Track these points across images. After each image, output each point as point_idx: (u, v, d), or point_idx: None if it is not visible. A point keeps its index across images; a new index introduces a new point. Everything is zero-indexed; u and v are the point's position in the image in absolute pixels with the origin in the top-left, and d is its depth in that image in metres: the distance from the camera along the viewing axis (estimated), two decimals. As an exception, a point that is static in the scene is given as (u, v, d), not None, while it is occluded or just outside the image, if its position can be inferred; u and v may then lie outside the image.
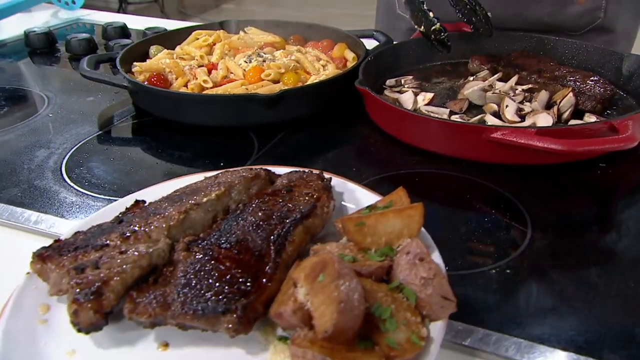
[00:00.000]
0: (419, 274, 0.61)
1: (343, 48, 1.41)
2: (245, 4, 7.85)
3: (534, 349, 0.63)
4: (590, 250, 0.79)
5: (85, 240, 0.69)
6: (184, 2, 8.03)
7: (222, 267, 0.65)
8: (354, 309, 0.56)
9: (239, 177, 0.80)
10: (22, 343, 0.62)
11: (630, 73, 1.20)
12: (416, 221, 0.69)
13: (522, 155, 0.95)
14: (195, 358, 0.62)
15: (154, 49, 1.40)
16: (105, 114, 1.25)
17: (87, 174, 1.00)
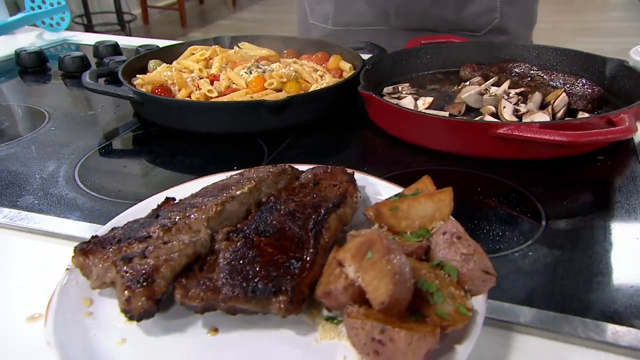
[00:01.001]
0: (459, 250, 0.64)
1: (338, 60, 1.45)
2: (211, 33, 7.93)
3: (566, 320, 0.66)
4: (600, 231, 0.83)
5: (126, 234, 0.69)
6: (151, 31, 8.07)
7: (264, 254, 0.67)
8: (406, 281, 0.58)
9: (267, 172, 0.83)
10: (73, 335, 0.62)
11: (613, 75, 1.27)
12: (447, 205, 0.72)
13: (525, 150, 1.00)
14: (245, 341, 0.63)
15: (152, 63, 1.42)
16: (109, 126, 1.26)
17: (102, 181, 1.01)
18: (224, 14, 9.05)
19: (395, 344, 0.54)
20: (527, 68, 1.34)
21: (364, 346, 0.57)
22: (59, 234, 0.86)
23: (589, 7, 8.09)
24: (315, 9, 1.82)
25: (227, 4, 9.57)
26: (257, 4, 9.54)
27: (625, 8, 7.81)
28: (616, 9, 7.96)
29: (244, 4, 9.54)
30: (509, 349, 0.64)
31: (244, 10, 9.20)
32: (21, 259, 0.84)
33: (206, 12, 9.33)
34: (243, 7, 9.36)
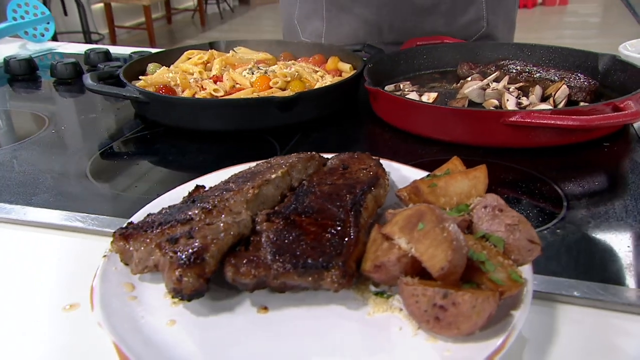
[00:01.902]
0: (504, 221, 0.65)
1: (336, 61, 1.47)
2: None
3: (608, 289, 0.67)
4: (621, 208, 0.86)
5: (166, 218, 0.68)
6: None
7: (308, 233, 0.67)
8: (462, 247, 0.59)
9: (296, 158, 0.83)
10: (123, 317, 0.60)
11: (606, 70, 1.33)
12: (482, 181, 0.74)
13: (536, 137, 1.03)
14: (298, 317, 0.62)
15: (152, 66, 1.41)
16: (113, 128, 1.24)
17: (115, 179, 0.99)
18: (192, 34, 9.03)
19: (459, 308, 0.55)
20: (523, 65, 1.38)
21: (424, 314, 0.57)
22: (80, 228, 0.84)
23: (546, 26, 8.42)
24: (306, 26, 1.82)
25: (196, 24, 9.58)
26: (226, 23, 9.58)
27: (579, 27, 8.14)
28: (570, 27, 8.27)
29: (213, 24, 9.55)
30: (555, 319, 0.65)
31: (213, 30, 9.21)
32: (35, 253, 0.82)
33: (174, 31, 9.30)
34: (212, 27, 9.37)
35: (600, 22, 8.57)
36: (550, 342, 0.62)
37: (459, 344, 0.56)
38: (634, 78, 1.21)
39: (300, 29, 1.85)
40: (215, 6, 9.97)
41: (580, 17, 8.76)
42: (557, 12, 9.06)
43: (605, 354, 0.60)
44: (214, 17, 9.91)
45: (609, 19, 8.66)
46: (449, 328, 0.56)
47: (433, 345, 0.57)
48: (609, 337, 0.63)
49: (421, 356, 0.56)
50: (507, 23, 1.79)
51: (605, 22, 8.46)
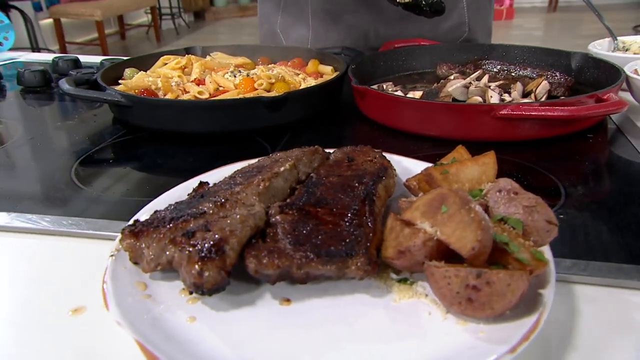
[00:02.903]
0: (521, 204, 0.66)
1: (316, 64, 1.47)
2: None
3: (618, 268, 0.69)
4: (616, 192, 0.89)
5: (176, 213, 0.65)
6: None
7: (324, 223, 0.66)
8: (490, 227, 0.59)
9: (301, 152, 0.81)
10: (141, 315, 0.57)
11: (579, 67, 1.37)
12: (491, 167, 0.74)
13: (525, 130, 1.05)
14: (322, 307, 0.60)
15: (129, 71, 1.37)
16: (94, 133, 1.19)
17: (104, 183, 0.95)
18: (147, 49, 8.88)
19: (493, 287, 0.54)
20: (500, 64, 1.41)
21: (456, 296, 0.56)
22: (74, 232, 0.80)
23: (494, 39, 8.70)
24: (290, 34, 1.81)
25: (151, 40, 9.44)
26: (182, 39, 9.47)
27: (525, 39, 8.47)
28: (516, 39, 8.59)
29: (168, 39, 9.43)
30: (573, 298, 0.66)
31: (168, 46, 9.08)
32: (31, 260, 0.77)
33: (129, 47, 9.13)
34: (168, 42, 9.25)
35: (544, 35, 8.94)
36: (573, 321, 0.62)
37: (491, 324, 0.56)
38: (607, 73, 1.26)
39: (283, 37, 1.83)
40: (171, 22, 9.86)
41: (525, 30, 9.12)
42: (504, 25, 9.39)
43: (627, 328, 0.61)
44: (170, 32, 9.80)
45: (551, 32, 9.07)
46: (482, 309, 0.55)
47: (464, 328, 0.57)
48: (628, 313, 0.63)
49: (455, 340, 0.55)
50: (486, 28, 1.83)
51: (548, 35, 8.84)
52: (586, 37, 7.97)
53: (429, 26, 1.67)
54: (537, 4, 11.01)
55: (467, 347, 0.54)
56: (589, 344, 0.59)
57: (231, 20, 10.80)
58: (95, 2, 7.79)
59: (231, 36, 9.55)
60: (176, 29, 9.87)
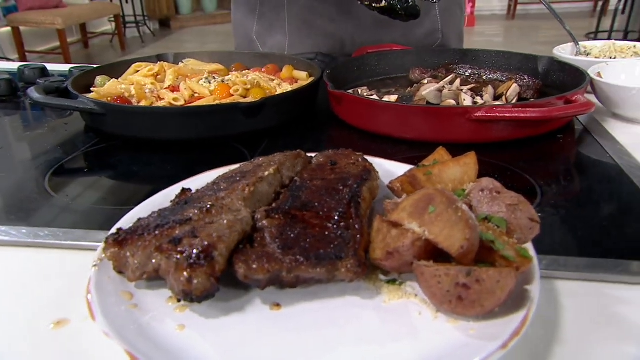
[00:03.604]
0: (504, 202, 0.67)
1: (291, 70, 1.47)
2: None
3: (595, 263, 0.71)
4: (587, 189, 0.92)
5: (161, 220, 0.64)
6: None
7: (311, 226, 0.66)
8: (477, 226, 0.60)
9: (284, 156, 0.81)
10: (129, 325, 0.56)
11: (545, 71, 1.41)
12: (472, 168, 0.76)
13: (499, 132, 1.07)
14: (313, 310, 0.60)
15: (100, 79, 1.34)
16: (65, 142, 1.17)
17: (79, 193, 0.92)
18: (111, 58, 8.72)
19: (483, 285, 0.55)
20: (471, 68, 1.44)
21: (447, 294, 0.57)
22: (57, 244, 0.78)
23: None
24: (266, 41, 1.81)
25: (115, 48, 9.28)
26: (147, 47, 9.35)
27: (486, 45, 8.66)
28: (478, 46, 8.78)
29: (134, 48, 9.29)
30: (555, 293, 0.67)
31: (134, 54, 8.95)
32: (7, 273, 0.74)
33: (92, 56, 8.95)
34: (133, 50, 9.11)
35: (504, 41, 9.18)
36: (557, 315, 0.64)
37: (481, 322, 0.57)
38: (572, 76, 1.30)
39: (259, 43, 1.82)
40: (135, 30, 9.72)
41: (486, 37, 9.34)
42: (467, 32, 9.47)
43: (608, 321, 0.63)
44: (135, 41, 9.65)
45: (511, 38, 9.33)
46: (472, 306, 0.56)
47: (455, 327, 0.57)
48: (608, 306, 0.65)
49: (446, 338, 0.56)
50: (458, 34, 1.86)
51: (507, 42, 9.09)
52: (543, 43, 8.26)
53: (402, 32, 1.70)
54: (496, 11, 11.30)
55: (460, 345, 0.54)
56: (574, 337, 0.60)
57: (197, 29, 10.72)
58: (56, 10, 7.62)
59: (197, 44, 9.47)
60: (141, 37, 9.73)
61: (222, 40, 9.65)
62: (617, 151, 1.06)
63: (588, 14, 10.38)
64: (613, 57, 1.53)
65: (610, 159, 1.03)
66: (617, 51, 1.56)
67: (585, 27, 8.31)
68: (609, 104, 1.26)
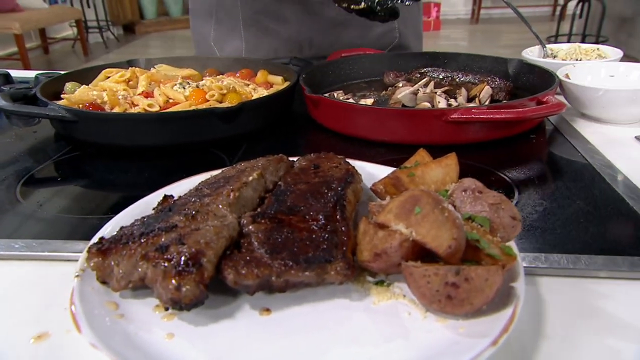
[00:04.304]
0: (487, 202, 0.68)
1: (265, 74, 1.46)
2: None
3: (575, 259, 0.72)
4: (562, 187, 0.94)
5: (146, 228, 0.63)
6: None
7: (298, 230, 0.66)
8: (462, 226, 0.60)
9: (266, 161, 0.81)
10: (116, 336, 0.55)
11: (515, 73, 1.44)
12: (453, 169, 0.77)
13: (474, 133, 1.09)
14: (303, 314, 0.60)
15: (70, 86, 1.31)
16: (36, 150, 1.14)
17: (52, 202, 0.90)
18: (74, 64, 8.53)
19: (472, 283, 0.56)
20: (444, 71, 1.46)
21: (436, 294, 0.57)
22: (33, 255, 0.76)
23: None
24: (224, 47, 1.80)
25: (77, 53, 9.08)
26: (111, 52, 9.18)
27: (452, 49, 8.84)
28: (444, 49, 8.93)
29: (97, 53, 9.11)
30: (538, 290, 0.69)
31: (97, 59, 8.77)
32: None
33: (53, 62, 8.74)
34: (96, 56, 8.93)
35: (469, 45, 9.36)
36: (541, 311, 0.65)
37: (470, 320, 0.58)
38: (541, 78, 1.33)
39: (217, 49, 1.82)
40: (98, 35, 9.53)
41: (452, 41, 9.51)
42: (432, 36, 9.74)
43: (591, 315, 0.64)
44: (98, 46, 9.47)
45: (475, 42, 9.52)
46: (461, 305, 0.57)
47: (445, 325, 0.58)
48: (590, 300, 0.67)
49: (437, 337, 0.56)
50: (416, 33, 1.90)
51: (472, 45, 9.28)
52: (506, 46, 8.42)
53: (359, 32, 1.72)
54: (460, 15, 11.51)
55: (451, 343, 0.55)
56: (558, 332, 0.61)
57: (162, 33, 10.58)
58: (12, 14, 7.38)
59: (163, 49, 9.35)
60: (105, 43, 9.55)
61: (188, 46, 9.52)
62: (587, 150, 1.10)
63: (548, 18, 10.67)
64: (579, 59, 1.58)
65: (581, 158, 1.06)
66: (582, 53, 1.60)
67: (545, 30, 8.54)
68: (577, 104, 1.29)
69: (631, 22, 6.08)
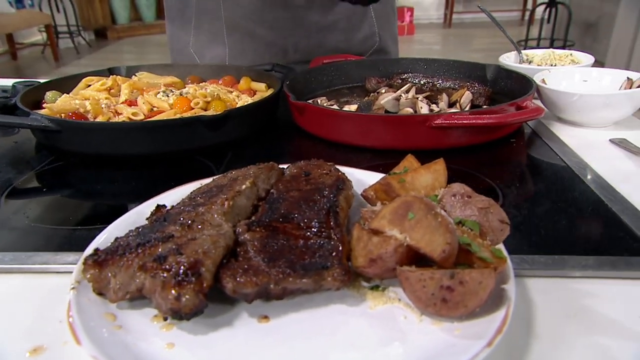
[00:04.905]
0: (476, 206, 0.70)
1: (248, 81, 1.47)
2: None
3: (560, 260, 0.75)
4: (543, 190, 0.97)
5: (141, 239, 0.63)
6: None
7: (293, 237, 0.67)
8: (455, 230, 0.62)
9: (257, 169, 0.81)
10: (116, 347, 0.55)
11: (493, 78, 1.48)
12: (442, 174, 0.79)
13: (457, 138, 1.12)
14: (301, 320, 0.61)
15: (50, 95, 1.29)
16: (17, 161, 1.12)
17: (39, 214, 0.89)
18: (45, 70, 8.37)
19: (466, 286, 0.58)
20: (423, 77, 1.49)
21: (431, 297, 0.59)
22: (23, 268, 0.75)
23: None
24: (205, 54, 1.79)
25: (47, 59, 8.91)
26: (83, 58, 9.04)
27: (425, 53, 8.96)
28: (418, 53, 9.09)
29: (68, 59, 8.96)
30: (525, 291, 0.71)
31: (69, 65, 8.63)
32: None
33: (22, 68, 8.56)
34: (67, 62, 8.78)
35: (442, 49, 9.51)
36: (529, 312, 0.67)
37: (464, 322, 0.59)
38: (519, 83, 1.36)
39: (197, 57, 1.80)
40: (69, 40, 9.37)
41: (425, 45, 9.64)
42: (406, 41, 9.86)
43: (578, 313, 0.67)
44: (69, 52, 9.31)
45: (448, 46, 9.68)
46: (456, 308, 0.58)
47: (440, 328, 0.59)
48: (576, 300, 0.69)
49: (434, 340, 0.58)
50: (393, 37, 1.94)
51: (445, 49, 9.43)
52: (478, 50, 8.55)
53: (343, 37, 1.75)
54: (433, 20, 11.67)
55: (447, 345, 0.56)
56: (548, 332, 0.63)
57: (135, 39, 10.46)
58: (-24, 20, 7.24)
59: (137, 55, 9.25)
60: (76, 48, 9.40)
61: (162, 51, 9.45)
62: (565, 152, 1.13)
63: (517, 22, 10.89)
64: (553, 64, 1.62)
65: (560, 160, 1.09)
66: (557, 59, 1.65)
67: (515, 35, 8.68)
68: (553, 108, 1.33)
69: (595, 27, 6.26)
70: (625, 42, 5.14)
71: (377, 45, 1.84)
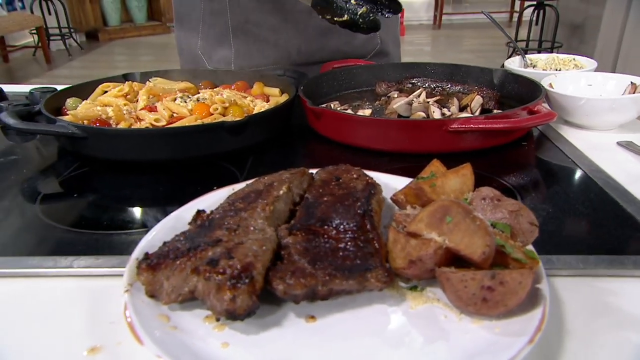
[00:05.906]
0: (507, 209, 0.73)
1: (261, 86, 1.49)
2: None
3: (585, 260, 0.78)
4: (561, 191, 1.00)
5: (192, 242, 0.66)
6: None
7: (334, 240, 0.69)
8: (492, 233, 0.65)
9: (290, 174, 0.84)
10: (177, 346, 0.57)
11: (501, 82, 1.51)
12: (469, 178, 0.82)
13: (473, 141, 1.15)
14: (347, 320, 0.64)
15: (71, 101, 1.31)
16: (45, 167, 1.14)
17: (76, 219, 0.91)
18: (36, 72, 8.33)
19: (506, 286, 0.61)
20: (432, 81, 1.52)
21: (472, 297, 0.62)
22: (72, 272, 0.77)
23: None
24: (212, 55, 1.82)
25: (39, 62, 8.86)
26: (75, 60, 9.00)
27: (416, 54, 9.03)
28: (410, 54, 9.15)
29: (60, 61, 8.91)
30: (554, 290, 0.74)
31: (61, 68, 8.59)
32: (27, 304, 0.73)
33: (14, 70, 8.51)
34: (59, 64, 8.74)
35: (432, 50, 9.59)
36: (560, 309, 0.70)
37: (504, 320, 0.62)
38: (526, 87, 1.41)
39: (205, 58, 1.84)
40: (61, 42, 9.32)
41: (416, 46, 9.72)
42: (398, 41, 9.93)
43: (605, 311, 0.70)
44: (61, 54, 9.26)
45: (438, 47, 9.75)
46: (495, 307, 0.61)
47: (481, 327, 0.62)
48: (601, 297, 0.73)
49: (475, 338, 0.61)
50: (395, 40, 1.98)
51: (436, 50, 9.51)
52: (467, 51, 8.61)
53: (345, 39, 1.78)
54: (423, 21, 11.75)
55: (489, 343, 0.59)
56: (580, 328, 0.67)
57: (127, 40, 10.44)
58: (-33, 22, 7.19)
59: (129, 57, 9.23)
60: (68, 51, 9.36)
61: (154, 53, 9.46)
62: (576, 155, 1.17)
63: (505, 24, 10.99)
64: (558, 69, 1.67)
65: (572, 163, 1.13)
66: (560, 63, 1.69)
67: (504, 36, 8.83)
68: (561, 111, 1.37)
69: (582, 29, 6.34)
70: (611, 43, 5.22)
71: (379, 48, 1.88)
